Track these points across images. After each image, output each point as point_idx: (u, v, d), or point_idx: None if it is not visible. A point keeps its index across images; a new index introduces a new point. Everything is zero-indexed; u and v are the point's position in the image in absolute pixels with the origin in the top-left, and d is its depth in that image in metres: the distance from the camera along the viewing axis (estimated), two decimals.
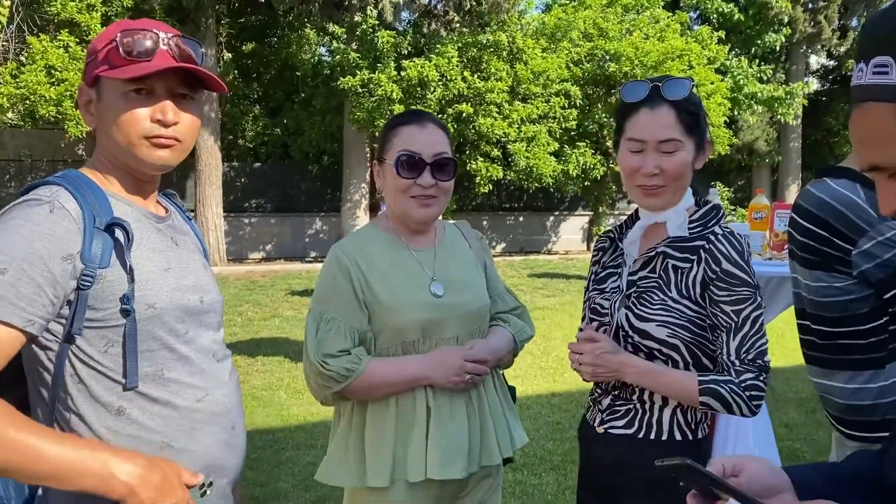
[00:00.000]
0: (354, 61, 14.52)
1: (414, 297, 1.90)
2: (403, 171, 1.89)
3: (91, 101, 1.41)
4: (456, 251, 2.07)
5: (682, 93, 1.71)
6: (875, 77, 0.92)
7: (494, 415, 2.00)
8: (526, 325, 2.14)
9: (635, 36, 15.73)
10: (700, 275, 1.71)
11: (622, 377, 1.75)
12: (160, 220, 1.49)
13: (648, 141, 1.72)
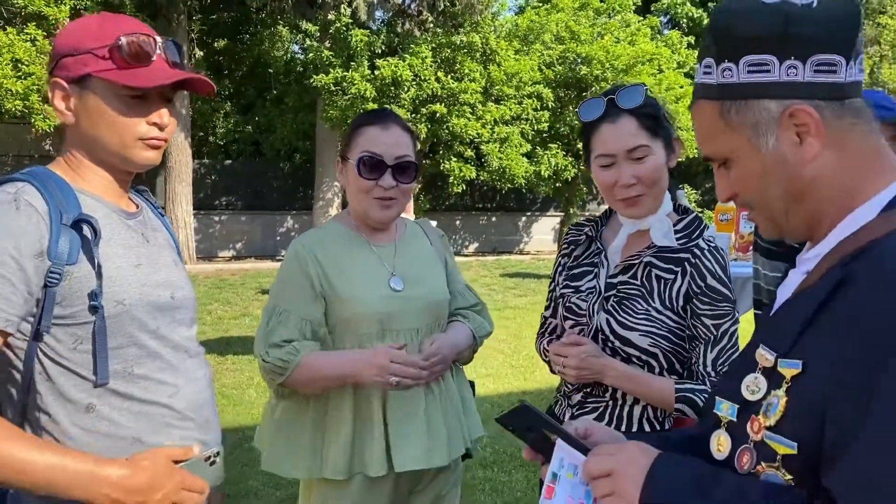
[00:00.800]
0: (328, 59, 14.47)
1: (372, 291, 1.93)
2: (365, 171, 1.91)
3: (70, 97, 1.39)
4: (416, 247, 2.11)
5: (637, 100, 1.73)
6: (703, 77, 1.04)
7: (452, 409, 2.03)
8: (485, 322, 2.18)
9: (606, 39, 15.89)
10: (684, 288, 1.74)
11: (602, 379, 1.77)
12: (130, 216, 1.48)
13: (617, 153, 1.73)
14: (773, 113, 0.99)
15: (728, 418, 1.04)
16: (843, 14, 0.97)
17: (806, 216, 1.04)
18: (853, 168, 1.00)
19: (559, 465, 1.16)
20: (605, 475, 1.06)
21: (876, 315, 0.87)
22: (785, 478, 0.93)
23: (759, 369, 1.01)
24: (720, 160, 1.07)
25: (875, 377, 0.84)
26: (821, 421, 0.90)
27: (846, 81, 0.98)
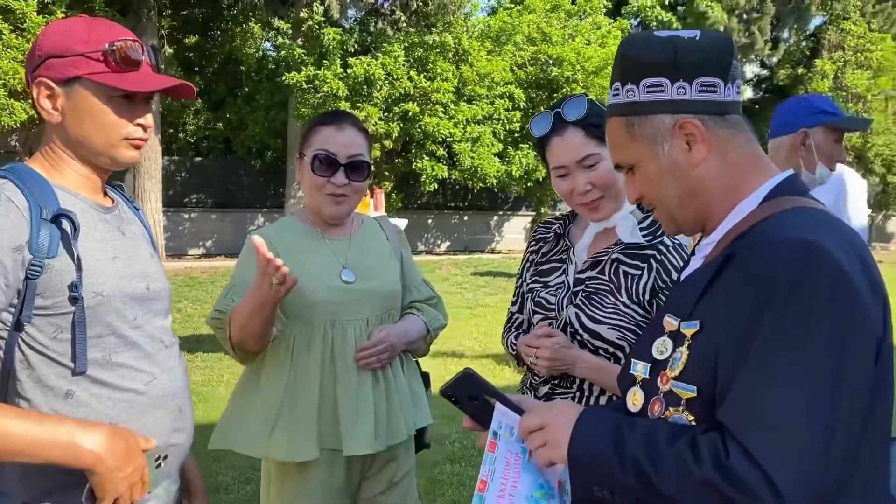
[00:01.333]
0: (300, 57, 14.45)
1: (322, 282, 2.01)
2: (319, 169, 2.01)
3: (57, 97, 1.44)
4: (371, 242, 2.19)
5: (580, 111, 1.81)
6: (612, 98, 1.27)
7: (401, 396, 2.10)
8: (439, 314, 2.26)
9: (577, 41, 16.07)
10: (651, 282, 1.82)
11: (572, 371, 1.83)
12: (107, 210, 1.53)
13: (569, 164, 1.82)
14: (667, 125, 1.20)
15: (642, 376, 1.22)
16: (720, 45, 1.20)
17: (697, 211, 1.24)
18: (734, 169, 1.21)
19: (498, 425, 1.30)
20: (538, 428, 1.22)
21: (750, 276, 1.07)
22: (688, 418, 1.12)
23: (665, 333, 1.20)
24: (627, 166, 1.27)
25: (752, 327, 1.04)
26: (714, 367, 1.09)
27: (725, 100, 1.20)
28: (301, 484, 2.00)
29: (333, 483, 2.02)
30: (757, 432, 1.00)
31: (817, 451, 0.99)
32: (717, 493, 1.01)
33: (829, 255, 1.03)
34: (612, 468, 1.11)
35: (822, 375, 1.00)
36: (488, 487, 1.28)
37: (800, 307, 1.02)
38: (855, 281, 1.04)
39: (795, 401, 1.00)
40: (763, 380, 1.02)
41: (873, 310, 1.06)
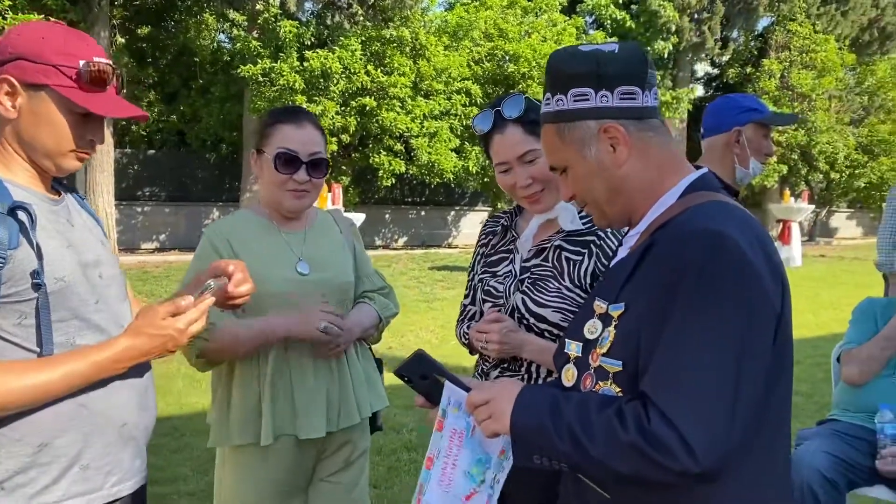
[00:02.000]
0: (256, 50, 14.33)
1: (279, 274, 2.09)
2: (281, 166, 2.07)
3: (18, 96, 1.47)
4: (325, 235, 2.26)
5: (517, 110, 1.91)
6: (545, 107, 1.39)
7: (355, 380, 2.19)
8: (391, 303, 2.36)
9: (533, 38, 16.24)
10: (591, 267, 1.93)
11: (520, 353, 1.94)
12: (55, 202, 1.58)
13: (509, 160, 1.93)
14: (593, 130, 1.33)
15: (575, 354, 1.36)
16: (636, 57, 1.34)
17: (623, 206, 1.37)
18: (654, 168, 1.35)
19: (447, 402, 1.43)
20: (483, 403, 1.34)
21: (667, 262, 1.21)
22: (616, 390, 1.25)
23: (596, 315, 1.33)
24: (561, 168, 1.40)
25: (666, 306, 1.18)
26: (637, 343, 1.22)
27: (644, 106, 1.33)
28: (257, 468, 2.08)
29: (289, 465, 2.10)
30: (672, 397, 1.14)
31: (725, 414, 1.13)
32: (640, 454, 1.14)
33: (733, 243, 1.17)
34: (550, 437, 1.22)
35: (727, 347, 1.14)
36: (434, 464, 1.42)
37: (708, 287, 1.15)
38: (756, 265, 1.18)
39: (705, 369, 1.14)
40: (677, 352, 1.16)
41: (773, 290, 1.20)
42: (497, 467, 1.40)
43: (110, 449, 1.53)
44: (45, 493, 1.44)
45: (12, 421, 1.42)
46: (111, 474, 1.54)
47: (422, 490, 1.43)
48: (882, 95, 22.92)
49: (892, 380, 2.91)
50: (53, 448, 1.45)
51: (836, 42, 21.56)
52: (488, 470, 1.40)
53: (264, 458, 2.07)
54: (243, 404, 2.06)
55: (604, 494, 1.28)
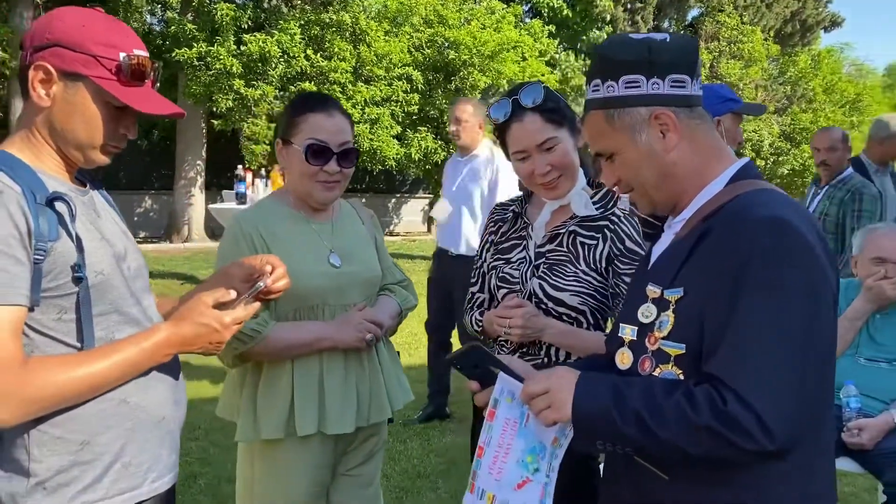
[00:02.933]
0: (191, 33, 13.91)
1: (314, 267, 2.05)
2: (312, 158, 2.04)
3: (53, 84, 1.42)
4: (351, 226, 2.24)
5: (537, 98, 1.93)
6: (592, 94, 1.40)
7: (385, 374, 2.18)
8: (410, 296, 2.35)
9: (473, 25, 16.26)
10: (606, 251, 1.97)
11: (542, 337, 1.96)
12: (82, 193, 1.53)
13: (529, 148, 1.95)
14: (644, 116, 1.35)
15: (630, 338, 1.38)
16: (689, 46, 1.38)
17: (670, 192, 1.40)
18: (702, 155, 1.38)
19: (500, 392, 1.44)
20: (542, 393, 1.35)
21: (733, 248, 1.23)
22: (677, 373, 1.28)
23: (649, 300, 1.36)
24: (608, 154, 1.42)
25: (735, 290, 1.21)
26: (700, 326, 1.25)
27: (692, 94, 1.37)
28: (289, 462, 2.04)
29: (320, 460, 2.08)
30: (747, 379, 1.17)
31: (796, 393, 1.17)
32: (716, 436, 1.17)
33: (795, 229, 1.22)
34: (615, 423, 1.24)
35: (795, 329, 1.18)
36: (485, 453, 1.44)
37: (777, 271, 1.20)
38: (816, 248, 1.23)
39: (776, 351, 1.18)
40: (749, 335, 1.19)
41: (830, 271, 1.25)
42: (551, 456, 1.42)
43: (150, 445, 1.50)
44: (88, 491, 1.40)
45: (53, 418, 1.37)
46: (151, 470, 1.51)
47: (475, 477, 1.45)
48: (803, 85, 23.88)
49: (854, 358, 3.07)
50: (96, 445, 1.42)
51: (761, 33, 22.33)
52: (542, 459, 1.41)
53: (297, 452, 2.04)
54: (273, 398, 2.02)
55: (662, 476, 1.30)
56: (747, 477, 1.24)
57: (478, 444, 1.45)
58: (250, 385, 2.07)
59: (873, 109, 26.89)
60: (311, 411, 2.02)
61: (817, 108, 23.63)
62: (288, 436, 2.01)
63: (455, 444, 4.45)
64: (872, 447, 2.83)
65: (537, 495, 1.40)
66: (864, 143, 5.28)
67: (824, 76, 24.32)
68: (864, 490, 3.86)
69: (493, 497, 1.42)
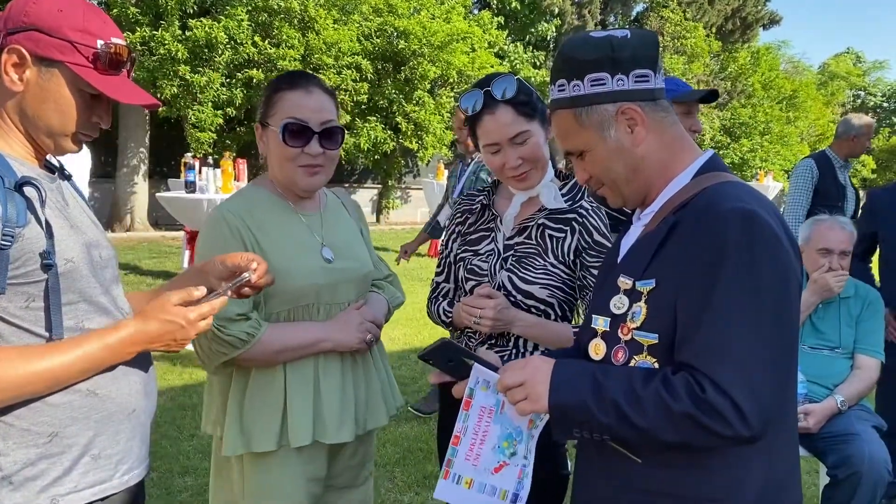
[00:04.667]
0: (134, 17, 13.52)
1: (307, 262, 1.91)
2: (291, 139, 1.85)
3: (26, 69, 1.38)
4: (339, 218, 2.10)
5: (510, 91, 1.92)
6: (558, 93, 1.42)
7: (380, 378, 2.07)
8: (398, 292, 2.22)
9: (422, 15, 16.22)
10: (574, 243, 1.99)
11: (511, 328, 1.97)
12: (51, 180, 1.49)
13: (500, 141, 1.94)
14: (611, 112, 1.38)
15: (603, 329, 1.41)
16: (648, 40, 1.40)
17: (640, 185, 1.42)
18: (668, 147, 1.41)
19: (475, 382, 1.47)
20: (518, 384, 1.37)
21: (704, 240, 1.27)
22: (651, 361, 1.31)
23: (621, 291, 1.38)
24: (577, 153, 1.44)
25: (708, 281, 1.24)
26: (673, 316, 1.29)
27: (655, 87, 1.40)
28: (283, 475, 1.89)
29: (314, 472, 1.93)
30: (723, 367, 1.21)
31: (770, 380, 1.23)
32: (694, 422, 1.22)
33: (764, 221, 1.26)
34: (593, 412, 1.28)
35: (767, 319, 1.23)
36: (461, 441, 1.47)
37: (748, 263, 1.23)
38: (782, 238, 1.28)
39: (749, 339, 1.22)
40: (724, 324, 1.23)
41: (795, 260, 1.31)
42: (528, 438, 1.46)
43: (121, 437, 1.48)
44: (56, 484, 1.37)
45: (19, 409, 1.33)
46: (122, 462, 1.48)
47: (450, 464, 1.48)
48: (743, 81, 24.59)
49: (801, 346, 3.21)
50: (64, 437, 1.38)
51: (703, 30, 22.87)
52: (519, 443, 1.46)
53: (291, 464, 1.88)
54: (265, 406, 1.87)
55: (635, 459, 1.34)
56: (717, 460, 1.30)
57: (453, 432, 1.48)
58: (237, 392, 1.91)
59: (808, 105, 27.84)
60: (307, 419, 1.86)
61: (756, 103, 24.34)
62: (280, 447, 1.86)
63: (410, 433, 4.49)
64: (817, 431, 2.97)
65: (515, 477, 1.46)
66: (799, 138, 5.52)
67: (763, 73, 25.08)
68: (805, 472, 4.04)
69: (471, 481, 1.47)
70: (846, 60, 41.48)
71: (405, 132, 16.23)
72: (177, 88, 13.68)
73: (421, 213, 19.13)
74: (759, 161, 22.94)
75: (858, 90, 41.02)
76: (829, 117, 32.30)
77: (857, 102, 40.52)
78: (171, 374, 5.44)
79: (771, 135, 23.83)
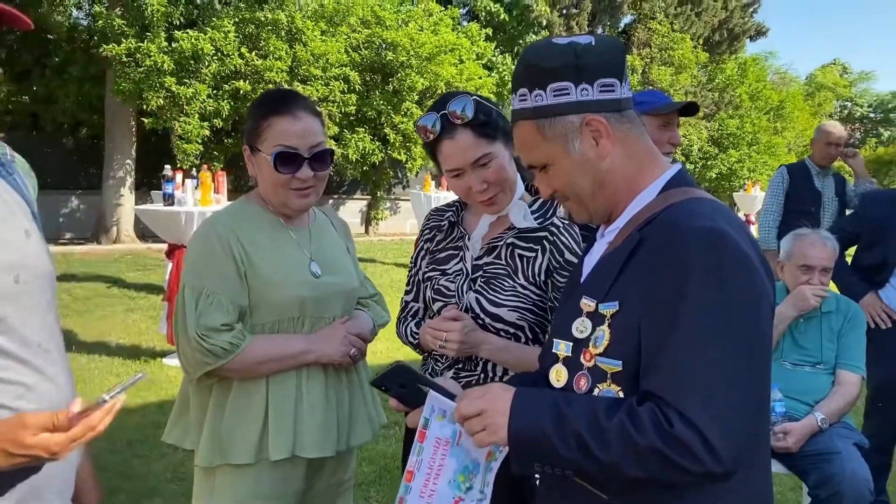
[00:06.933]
0: (120, 28, 13.46)
1: (295, 276, 1.93)
2: (282, 166, 1.88)
3: None
4: (327, 235, 2.12)
5: (468, 112, 1.82)
6: (520, 103, 1.34)
7: (364, 395, 2.06)
8: (383, 311, 2.23)
9: (411, 27, 16.23)
10: (545, 263, 1.90)
11: (478, 352, 1.89)
12: None
13: (462, 166, 1.85)
14: (576, 124, 1.30)
15: (565, 354, 1.32)
16: (614, 48, 1.32)
17: (606, 200, 1.35)
18: (635, 161, 1.34)
19: (430, 411, 1.37)
20: (476, 414, 1.28)
21: (670, 260, 1.19)
22: (615, 390, 1.23)
23: (584, 314, 1.30)
24: (540, 166, 1.37)
25: (674, 305, 1.16)
26: (637, 342, 1.20)
27: (622, 97, 1.32)
28: (260, 490, 1.88)
29: (293, 487, 1.93)
30: (691, 398, 1.12)
31: (741, 411, 1.14)
32: (661, 457, 1.12)
33: (732, 240, 1.19)
34: (554, 445, 1.19)
35: (738, 345, 1.15)
36: (415, 477, 1.37)
37: (717, 284, 1.15)
38: (752, 257, 1.20)
39: (719, 368, 1.13)
40: (692, 351, 1.14)
41: (766, 280, 1.23)
42: (485, 471, 1.37)
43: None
44: None
45: None
46: None
47: (402, 503, 1.38)
48: (730, 92, 24.68)
49: (779, 362, 3.16)
50: None
51: (691, 41, 22.97)
52: (476, 476, 1.37)
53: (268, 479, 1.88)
54: (245, 418, 1.87)
55: (601, 496, 1.25)
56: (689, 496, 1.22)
57: (406, 467, 1.39)
58: (217, 403, 1.90)
59: (795, 116, 27.99)
60: (287, 432, 1.86)
61: (744, 114, 24.43)
62: (258, 460, 1.86)
63: (386, 452, 4.41)
64: (797, 450, 2.92)
65: None
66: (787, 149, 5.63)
67: (750, 83, 25.17)
68: (789, 489, 4.00)
69: None
70: (833, 71, 41.78)
71: (393, 143, 16.20)
72: (163, 100, 13.62)
73: (410, 225, 19.08)
74: (747, 172, 22.98)
75: (845, 101, 41.30)
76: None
77: (844, 113, 40.80)
78: (148, 391, 5.36)
79: (758, 145, 23.89)
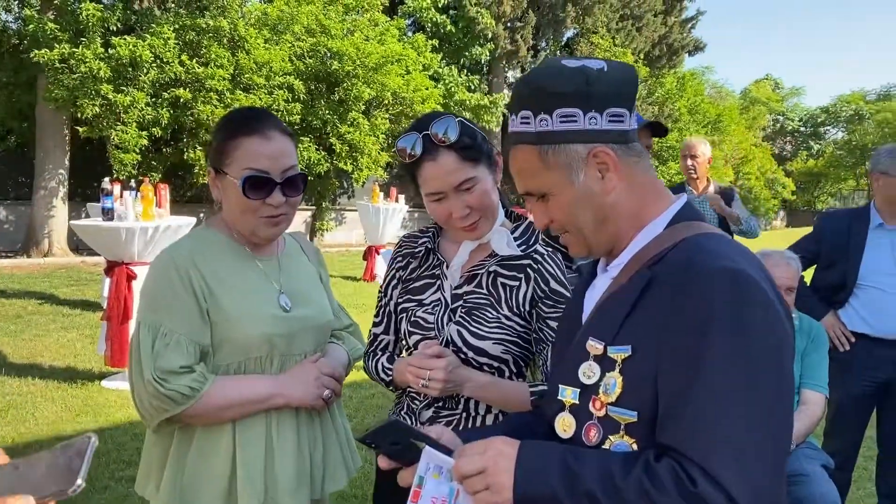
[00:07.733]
0: (52, 33, 12.93)
1: (262, 311, 1.77)
2: (251, 191, 1.71)
3: None
4: (298, 263, 1.96)
5: (452, 134, 1.70)
6: (521, 126, 1.25)
7: (339, 437, 1.92)
8: (358, 343, 2.08)
9: (356, 36, 16.08)
10: (529, 293, 1.79)
11: (461, 390, 1.76)
12: None
13: (444, 190, 1.73)
14: (581, 154, 1.22)
15: (572, 401, 1.22)
16: (627, 76, 1.24)
17: (609, 235, 1.26)
18: (640, 195, 1.26)
19: (425, 468, 1.24)
20: (477, 472, 1.16)
21: (690, 305, 1.10)
22: (629, 442, 1.14)
23: (591, 357, 1.20)
24: (539, 194, 1.28)
25: (696, 352, 1.07)
26: (654, 390, 1.11)
27: (629, 129, 1.24)
28: None
29: None
30: (717, 455, 1.04)
31: (767, 466, 1.05)
32: None
33: (756, 283, 1.11)
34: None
35: (763, 396, 1.07)
36: None
37: (740, 333, 1.07)
38: (775, 302, 1.12)
39: (743, 421, 1.04)
40: (716, 403, 1.05)
41: (788, 325, 1.14)
42: None
43: None
44: None
45: None
46: None
47: None
48: (669, 106, 25.27)
49: None
50: None
51: (632, 55, 23.41)
52: None
53: None
54: (208, 469, 1.71)
55: None
56: None
57: None
58: (179, 452, 1.75)
59: (731, 129, 28.85)
60: (258, 482, 1.71)
61: (682, 127, 25.04)
62: None
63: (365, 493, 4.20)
64: None
65: None
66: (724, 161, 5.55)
67: (689, 97, 25.84)
68: None
69: None
70: (765, 86, 43.27)
71: (339, 153, 15.99)
72: (99, 108, 13.14)
73: (356, 235, 18.86)
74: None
75: (778, 115, 42.79)
76: (751, 140, 33.52)
77: (777, 126, 42.26)
78: (86, 415, 5.06)
79: None
